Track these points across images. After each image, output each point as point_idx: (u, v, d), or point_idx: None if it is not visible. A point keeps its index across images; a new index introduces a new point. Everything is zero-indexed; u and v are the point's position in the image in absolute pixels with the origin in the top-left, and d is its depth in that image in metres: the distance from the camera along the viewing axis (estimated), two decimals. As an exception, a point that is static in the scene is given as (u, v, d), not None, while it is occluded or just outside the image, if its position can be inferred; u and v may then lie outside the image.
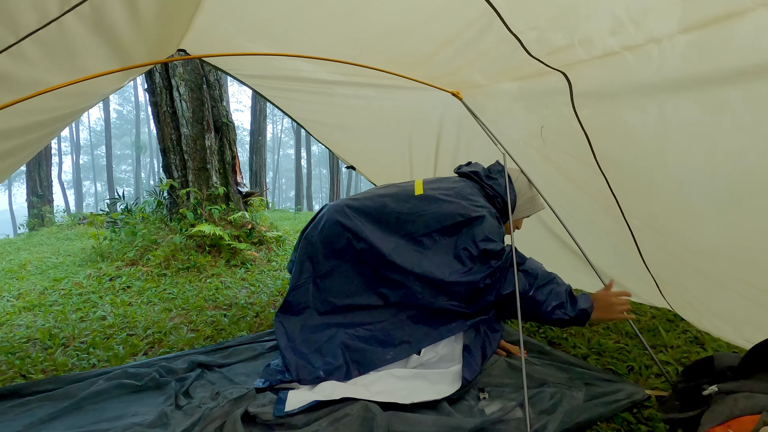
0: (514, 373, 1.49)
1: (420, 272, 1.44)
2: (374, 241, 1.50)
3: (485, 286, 1.41)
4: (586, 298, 1.39)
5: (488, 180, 1.63)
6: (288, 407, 1.25)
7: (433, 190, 1.57)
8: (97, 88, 1.43)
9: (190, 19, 1.47)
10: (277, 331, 1.55)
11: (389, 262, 1.47)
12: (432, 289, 1.44)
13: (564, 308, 1.37)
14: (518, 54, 1.29)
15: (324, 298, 1.55)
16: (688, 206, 1.28)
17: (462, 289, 1.42)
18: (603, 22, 1.05)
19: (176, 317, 2.28)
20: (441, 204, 1.51)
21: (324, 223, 1.58)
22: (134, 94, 28.63)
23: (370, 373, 1.40)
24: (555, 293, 1.39)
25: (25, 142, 1.53)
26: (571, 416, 1.20)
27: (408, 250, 1.49)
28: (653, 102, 1.15)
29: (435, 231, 1.49)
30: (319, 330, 1.51)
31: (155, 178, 28.84)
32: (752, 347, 0.97)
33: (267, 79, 2.11)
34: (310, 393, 1.32)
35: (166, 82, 3.83)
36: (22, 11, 0.86)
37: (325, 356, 1.43)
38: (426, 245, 1.49)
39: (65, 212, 10.62)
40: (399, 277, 1.47)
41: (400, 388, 1.34)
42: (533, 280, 1.41)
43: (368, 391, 1.32)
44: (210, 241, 3.48)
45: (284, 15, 1.47)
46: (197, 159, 3.89)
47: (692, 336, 1.75)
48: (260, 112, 11.69)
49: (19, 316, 2.37)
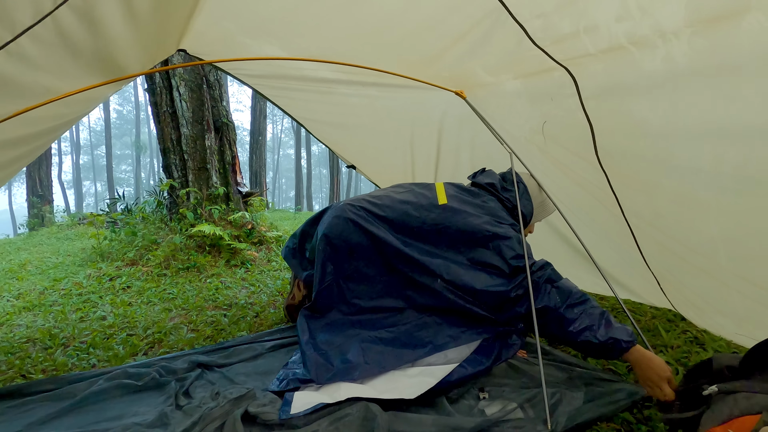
0: (515, 373, 1.49)
1: (449, 278, 1.46)
2: (400, 246, 1.51)
3: (516, 296, 1.41)
4: (628, 332, 1.28)
5: (504, 192, 1.64)
6: (294, 410, 1.22)
7: (456, 202, 1.58)
8: (100, 92, 1.43)
9: (189, 17, 1.47)
10: (300, 327, 1.54)
11: (418, 266, 1.48)
12: (462, 294, 1.46)
13: (592, 331, 1.29)
14: (523, 44, 1.28)
15: (348, 299, 1.55)
16: (692, 197, 1.28)
17: (491, 298, 1.43)
18: (609, 8, 1.04)
19: (176, 317, 2.28)
20: (466, 217, 1.52)
21: (343, 226, 1.57)
22: (134, 94, 28.64)
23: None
24: (587, 314, 1.32)
25: (31, 148, 1.54)
26: (571, 416, 1.20)
27: (435, 257, 1.51)
28: (662, 91, 1.15)
29: (460, 243, 1.51)
30: (341, 330, 1.51)
31: (155, 178, 28.84)
32: (752, 347, 0.97)
33: (268, 78, 2.12)
34: (316, 394, 1.30)
35: (166, 82, 3.83)
36: (16, 6, 0.86)
37: (345, 355, 1.42)
38: (452, 256, 1.51)
39: (65, 212, 10.62)
40: (428, 281, 1.48)
41: (408, 386, 1.33)
42: (566, 298, 1.36)
43: (375, 389, 1.31)
44: (210, 241, 3.48)
45: (285, 12, 1.47)
46: (197, 159, 3.89)
47: (692, 336, 1.75)
48: (260, 112, 11.69)
49: (19, 316, 2.37)
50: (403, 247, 1.51)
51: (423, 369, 1.40)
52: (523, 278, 1.40)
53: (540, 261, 1.47)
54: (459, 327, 1.48)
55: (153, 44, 1.44)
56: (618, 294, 1.56)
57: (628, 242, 1.62)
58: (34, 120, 1.25)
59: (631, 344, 1.27)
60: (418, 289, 1.51)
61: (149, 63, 1.55)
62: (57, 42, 1.02)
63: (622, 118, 1.31)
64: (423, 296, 1.51)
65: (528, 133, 1.73)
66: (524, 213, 1.63)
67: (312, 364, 1.39)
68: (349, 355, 1.41)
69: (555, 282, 1.41)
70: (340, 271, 1.56)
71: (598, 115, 1.37)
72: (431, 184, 1.71)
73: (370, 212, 1.59)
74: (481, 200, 1.61)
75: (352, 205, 1.62)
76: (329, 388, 1.32)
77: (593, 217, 1.77)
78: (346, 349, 1.43)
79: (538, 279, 1.40)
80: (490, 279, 1.45)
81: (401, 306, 1.54)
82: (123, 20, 1.13)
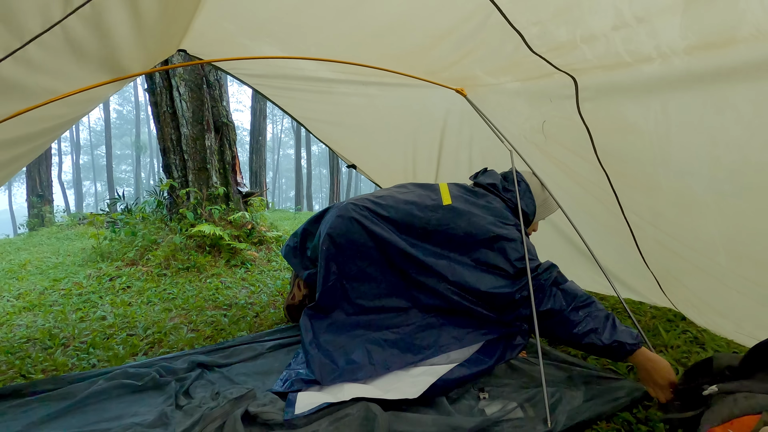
0: (515, 373, 1.49)
1: (454, 279, 1.46)
2: (405, 246, 1.51)
3: (521, 298, 1.41)
4: (633, 335, 1.30)
5: (505, 193, 1.64)
6: (298, 410, 1.22)
7: (461, 203, 1.58)
8: (101, 92, 1.44)
9: (191, 19, 1.47)
10: (303, 326, 1.54)
11: (423, 267, 1.48)
12: (466, 295, 1.46)
13: (597, 334, 1.29)
14: (521, 50, 1.29)
15: (352, 299, 1.55)
16: (689, 198, 1.28)
17: (496, 299, 1.43)
18: (606, 16, 1.04)
19: (176, 317, 2.28)
20: (471, 218, 1.52)
21: (347, 225, 1.56)
22: (134, 94, 28.63)
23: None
24: (592, 317, 1.33)
25: (30, 148, 1.54)
26: (571, 416, 1.20)
27: (440, 258, 1.51)
28: (656, 98, 1.15)
29: (465, 244, 1.51)
30: (345, 330, 1.51)
31: (155, 178, 28.82)
32: (752, 347, 0.97)
33: (268, 78, 2.13)
34: (320, 394, 1.30)
35: (166, 82, 3.83)
36: (26, 15, 0.86)
37: (350, 355, 1.42)
38: (456, 257, 1.51)
39: (65, 212, 10.62)
40: (432, 282, 1.48)
41: (410, 384, 1.33)
42: (571, 300, 1.36)
43: (378, 389, 1.31)
44: (210, 241, 3.48)
45: (284, 13, 1.47)
46: (197, 159, 3.89)
47: (692, 336, 1.75)
48: (260, 112, 11.68)
49: (19, 316, 2.37)
50: (409, 247, 1.51)
51: (426, 369, 1.40)
52: (527, 281, 1.40)
53: (545, 263, 1.46)
54: (464, 328, 1.48)
55: (155, 45, 1.44)
56: (620, 293, 1.55)
57: (628, 241, 1.62)
58: (34, 120, 1.25)
59: (635, 347, 1.27)
60: (423, 290, 1.51)
61: (150, 63, 1.56)
62: (63, 47, 1.03)
63: (618, 120, 1.32)
64: (428, 297, 1.51)
65: (528, 132, 1.73)
66: (527, 212, 1.63)
67: (316, 364, 1.39)
68: (354, 355, 1.41)
69: (561, 284, 1.41)
70: (344, 271, 1.56)
71: (596, 117, 1.37)
72: (435, 185, 1.71)
73: (373, 212, 1.58)
74: (485, 201, 1.61)
75: (356, 205, 1.61)
76: (333, 389, 1.32)
77: (594, 217, 1.77)
78: (350, 350, 1.43)
79: (544, 282, 1.40)
80: (494, 280, 1.45)
81: (405, 306, 1.53)
82: (129, 25, 1.13)
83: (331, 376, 1.35)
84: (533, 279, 1.39)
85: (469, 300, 1.47)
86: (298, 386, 1.34)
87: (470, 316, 1.49)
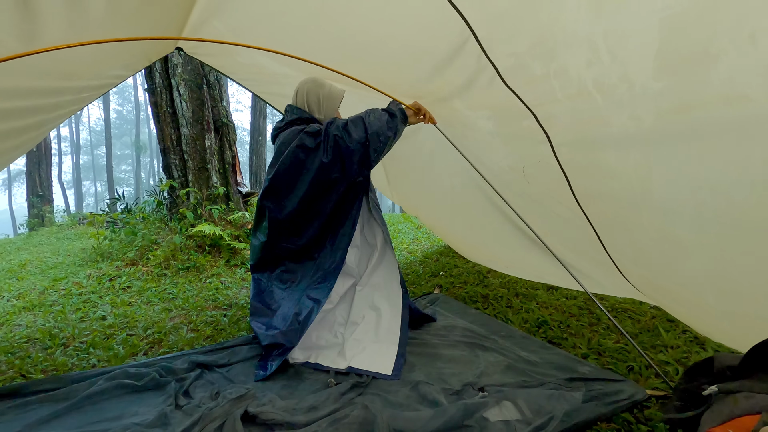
0: (514, 373, 1.49)
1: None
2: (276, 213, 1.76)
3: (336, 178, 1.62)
4: (394, 102, 1.68)
5: (291, 115, 1.76)
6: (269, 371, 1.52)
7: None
8: (101, 68, 1.43)
9: (188, 12, 1.49)
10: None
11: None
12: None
13: (379, 111, 1.62)
14: (495, 83, 1.29)
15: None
16: (673, 236, 1.23)
17: (322, 174, 1.62)
18: (580, 51, 1.02)
19: (176, 317, 2.28)
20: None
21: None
22: (134, 94, 28.63)
23: (347, 341, 1.68)
24: (367, 112, 1.61)
25: (18, 143, 1.54)
26: (570, 416, 1.20)
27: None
28: (632, 150, 1.13)
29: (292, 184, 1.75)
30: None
31: (155, 178, 28.84)
32: (752, 347, 0.97)
33: (261, 83, 2.24)
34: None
35: (166, 81, 3.83)
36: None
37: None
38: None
39: (65, 212, 10.62)
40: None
41: (375, 352, 1.61)
42: (347, 120, 1.60)
43: (346, 360, 1.59)
44: (210, 241, 3.49)
45: (273, 17, 1.50)
46: (197, 159, 3.89)
47: (692, 336, 1.75)
48: (260, 112, 11.68)
49: (19, 316, 2.37)
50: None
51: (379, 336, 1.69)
52: (322, 138, 1.61)
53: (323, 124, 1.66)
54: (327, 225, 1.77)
55: (161, 15, 1.46)
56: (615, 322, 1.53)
57: (616, 273, 1.61)
58: (22, 111, 1.23)
59: (396, 103, 1.66)
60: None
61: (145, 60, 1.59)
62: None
63: (596, 164, 1.28)
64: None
65: (506, 171, 1.71)
66: (311, 117, 1.73)
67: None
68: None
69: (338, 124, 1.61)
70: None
71: (573, 162, 1.35)
72: None
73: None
74: (292, 133, 1.77)
75: None
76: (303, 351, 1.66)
77: (576, 245, 1.74)
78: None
79: (330, 130, 1.59)
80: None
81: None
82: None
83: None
84: (324, 133, 1.59)
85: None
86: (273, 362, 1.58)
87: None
